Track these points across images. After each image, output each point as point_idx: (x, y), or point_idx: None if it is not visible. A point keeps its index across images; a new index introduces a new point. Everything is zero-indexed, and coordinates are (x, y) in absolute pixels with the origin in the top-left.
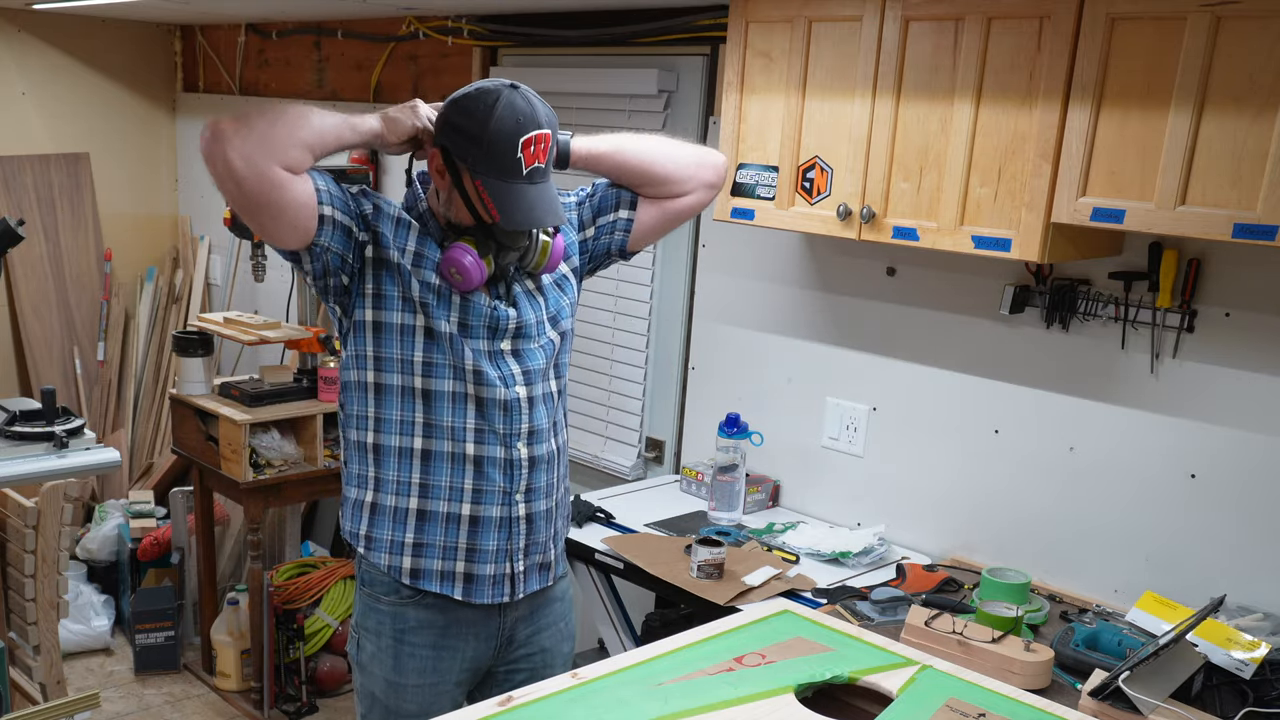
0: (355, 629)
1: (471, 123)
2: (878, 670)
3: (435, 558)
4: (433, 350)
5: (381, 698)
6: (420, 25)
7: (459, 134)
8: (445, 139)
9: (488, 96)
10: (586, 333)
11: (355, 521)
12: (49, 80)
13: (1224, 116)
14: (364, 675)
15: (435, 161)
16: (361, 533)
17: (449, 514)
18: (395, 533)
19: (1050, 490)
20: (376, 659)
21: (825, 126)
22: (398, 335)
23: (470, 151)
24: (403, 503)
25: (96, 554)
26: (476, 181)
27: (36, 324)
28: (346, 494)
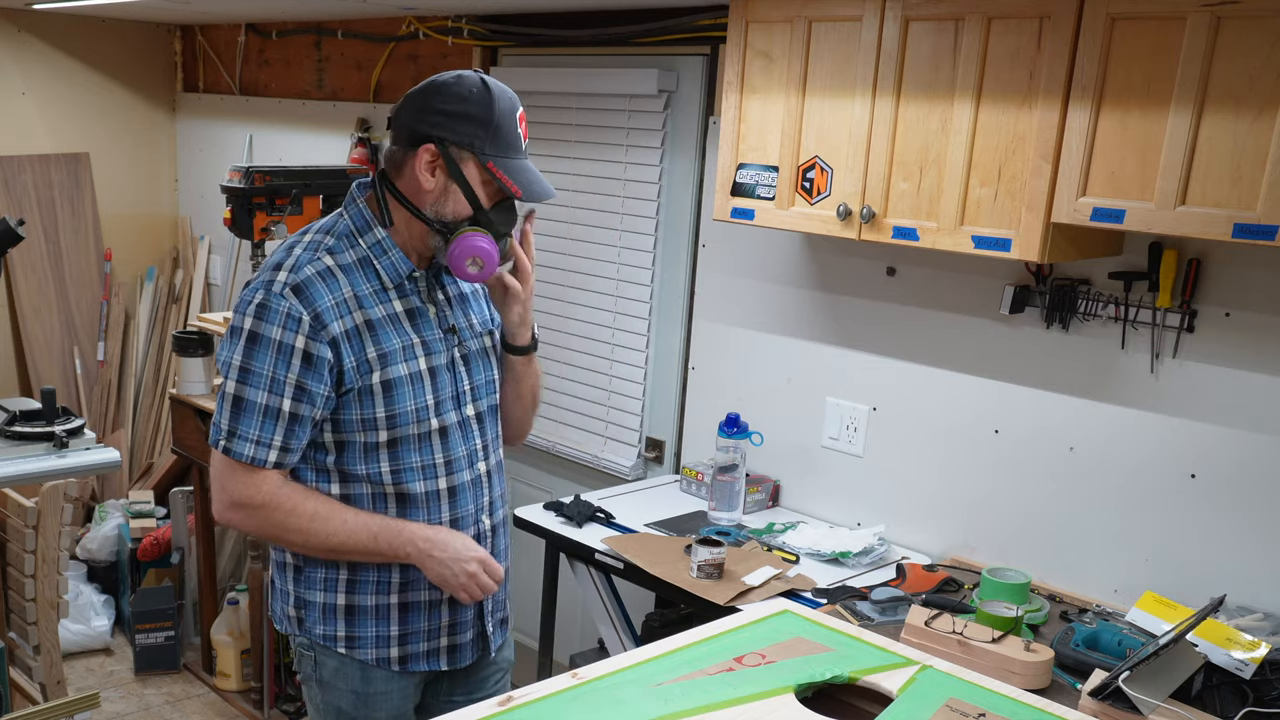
0: (308, 649)
1: (474, 107)
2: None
3: (421, 642)
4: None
5: (350, 712)
6: (420, 25)
7: (463, 120)
8: (442, 131)
9: (471, 80)
10: (586, 333)
11: (329, 624)
12: (49, 80)
13: (1224, 116)
14: (327, 691)
15: (427, 158)
16: (340, 635)
17: (430, 600)
18: (379, 629)
19: (1050, 490)
20: (341, 674)
21: (825, 126)
22: (355, 401)
23: (477, 135)
24: (384, 600)
25: (96, 554)
26: (488, 163)
27: (36, 324)
28: (307, 596)
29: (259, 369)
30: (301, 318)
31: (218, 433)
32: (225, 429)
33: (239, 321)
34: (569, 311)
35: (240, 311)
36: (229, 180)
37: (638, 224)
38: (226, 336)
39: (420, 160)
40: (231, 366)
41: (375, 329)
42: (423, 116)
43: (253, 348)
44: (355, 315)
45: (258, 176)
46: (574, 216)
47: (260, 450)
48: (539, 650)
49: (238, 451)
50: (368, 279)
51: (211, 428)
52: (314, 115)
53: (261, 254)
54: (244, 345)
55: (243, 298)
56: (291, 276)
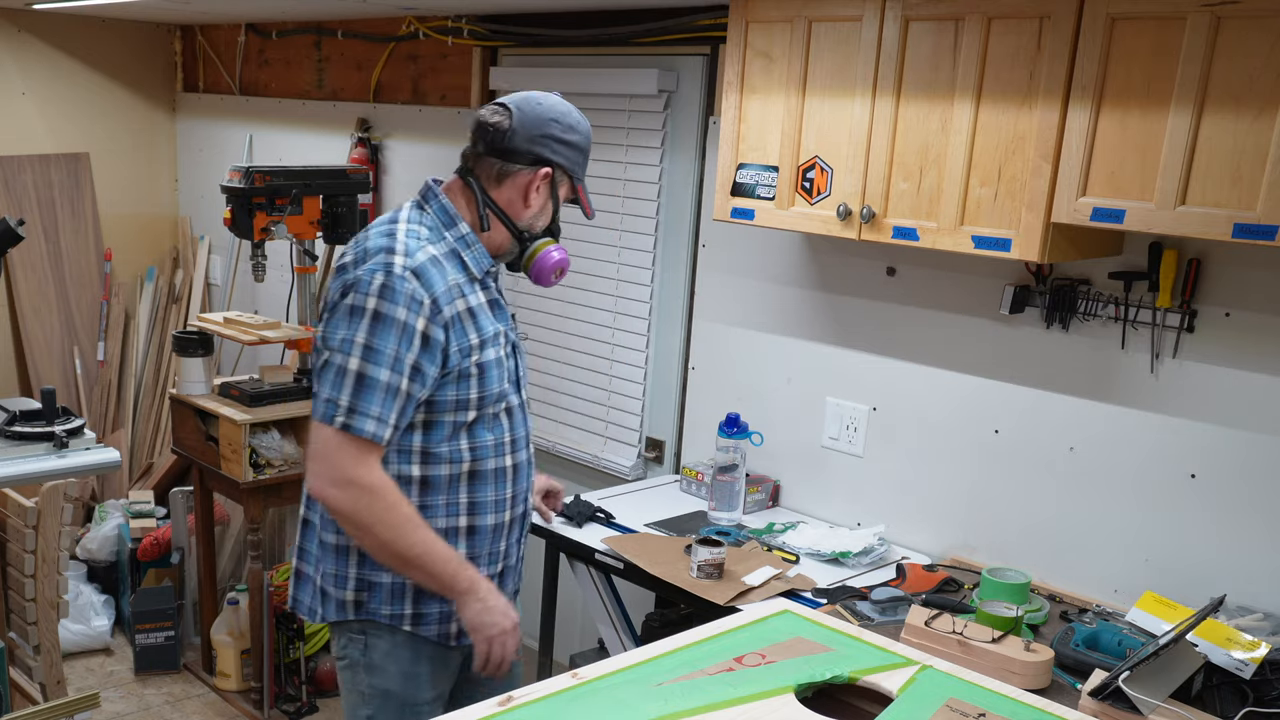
0: (359, 632)
1: (580, 138)
2: (878, 670)
3: None
4: (485, 382)
5: (398, 692)
6: (420, 25)
7: (573, 150)
8: (559, 158)
9: (574, 110)
10: (586, 333)
11: (396, 604)
12: (49, 80)
13: (1224, 116)
14: (375, 674)
15: (537, 181)
16: (406, 613)
17: (487, 577)
18: (443, 605)
19: (1050, 490)
20: (392, 655)
21: (825, 126)
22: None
23: (579, 163)
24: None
25: (96, 554)
26: (579, 187)
27: (36, 324)
28: (372, 578)
29: (383, 347)
30: (424, 300)
31: (333, 408)
32: (345, 405)
33: (360, 301)
34: (569, 311)
35: (360, 291)
36: (229, 180)
37: (638, 224)
38: (337, 315)
39: (536, 180)
40: (353, 344)
41: (474, 315)
42: (542, 142)
43: (376, 326)
44: (459, 302)
45: (258, 176)
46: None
47: (380, 428)
48: (539, 650)
49: (359, 428)
50: (457, 269)
51: (321, 403)
52: (314, 115)
53: (261, 254)
54: (368, 323)
55: (358, 278)
56: (408, 260)
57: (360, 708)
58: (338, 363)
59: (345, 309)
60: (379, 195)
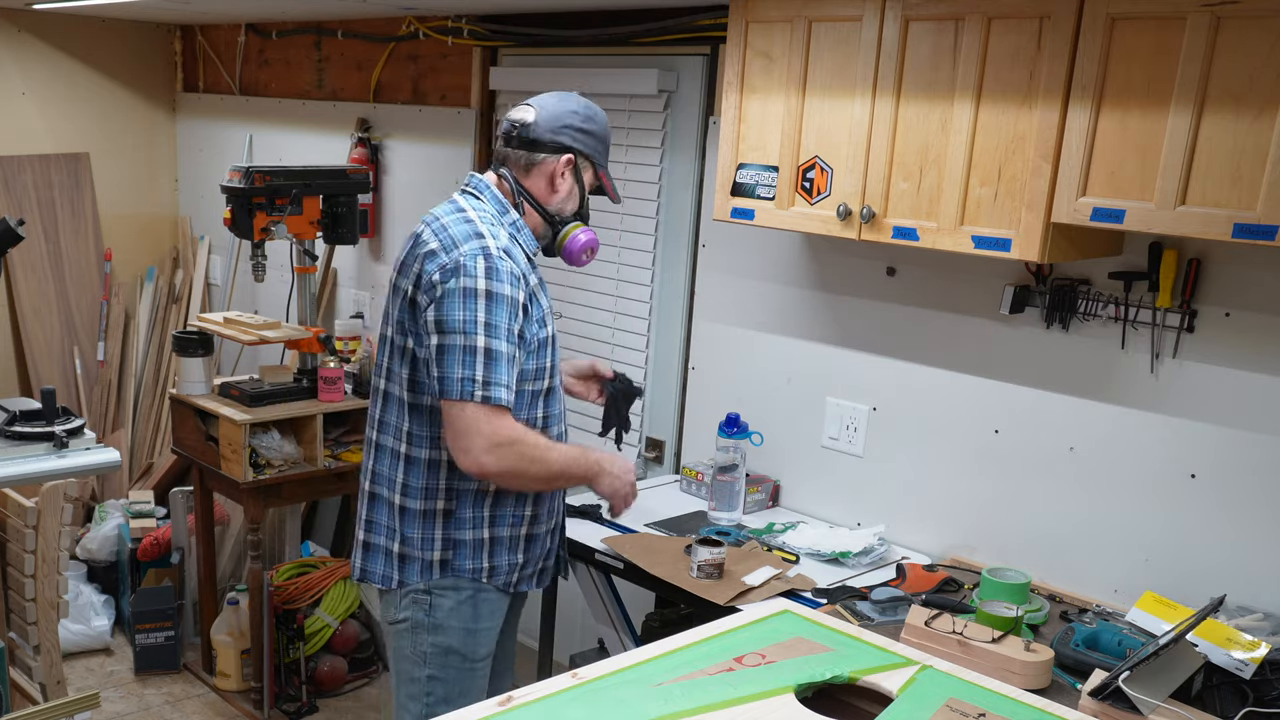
0: (422, 592)
1: (599, 127)
2: (878, 670)
3: (532, 566)
4: (553, 352)
5: (459, 648)
6: (420, 25)
7: (593, 138)
8: (580, 145)
9: (592, 104)
10: (586, 333)
11: (477, 558)
12: (49, 80)
13: (1224, 116)
14: (437, 633)
15: (567, 166)
16: (485, 566)
17: (544, 531)
18: (511, 557)
19: (1050, 490)
20: (455, 613)
21: (825, 126)
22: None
23: (599, 150)
24: (516, 532)
25: (96, 554)
26: (601, 173)
27: (36, 324)
28: (457, 536)
29: (499, 322)
30: (521, 275)
31: (470, 385)
32: (480, 379)
33: (468, 283)
34: (569, 311)
35: (464, 275)
36: (229, 180)
37: (638, 224)
38: (450, 299)
39: (560, 166)
40: (475, 323)
41: (538, 293)
42: (564, 131)
43: (490, 304)
44: (530, 278)
45: (258, 176)
46: None
47: (509, 394)
48: (539, 650)
49: (497, 397)
50: (517, 254)
51: (451, 383)
52: (314, 115)
53: (262, 254)
54: (484, 303)
55: (458, 263)
56: (498, 243)
57: (420, 668)
58: (462, 343)
59: (457, 292)
60: (379, 195)
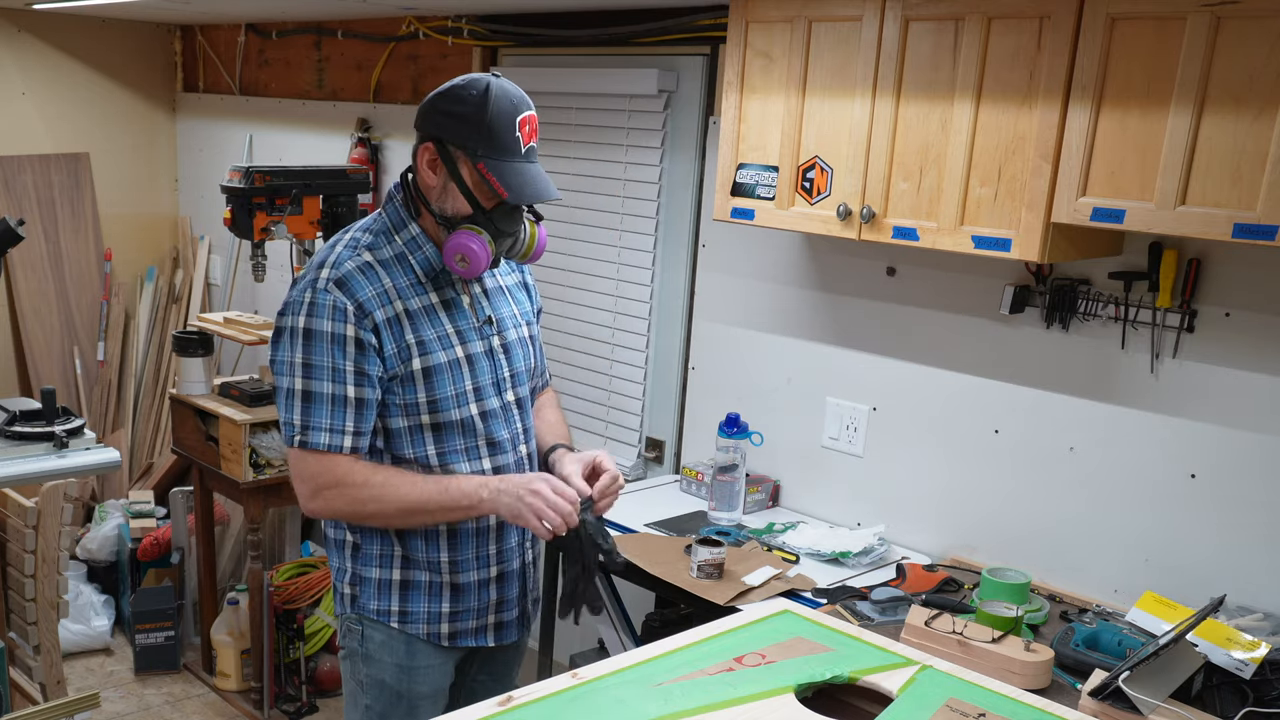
0: (357, 623)
1: (468, 108)
2: (878, 670)
3: (470, 619)
4: (432, 386)
5: (393, 684)
6: (420, 25)
7: (457, 121)
8: (439, 130)
9: (478, 84)
10: (586, 333)
11: (383, 599)
12: (49, 80)
13: (1224, 116)
14: (370, 665)
15: (427, 155)
16: (393, 609)
17: (480, 580)
18: (431, 605)
19: (1050, 490)
20: (386, 647)
21: (825, 126)
22: (399, 386)
23: (470, 136)
24: (436, 578)
25: (96, 554)
26: (479, 164)
27: (36, 324)
28: (363, 572)
29: (319, 362)
30: (346, 308)
31: (291, 430)
32: (299, 424)
33: (292, 322)
34: (569, 311)
35: (291, 313)
36: (229, 180)
37: (638, 224)
38: (278, 339)
39: (423, 157)
40: (293, 365)
41: (412, 318)
42: (429, 116)
43: (309, 343)
44: (394, 305)
45: (258, 176)
46: (574, 216)
47: (335, 437)
48: (539, 650)
49: (314, 442)
50: (404, 273)
51: (283, 429)
52: (314, 115)
53: (261, 254)
54: (301, 343)
55: (291, 299)
56: (333, 272)
57: (360, 697)
58: (284, 385)
59: (282, 332)
60: (379, 195)
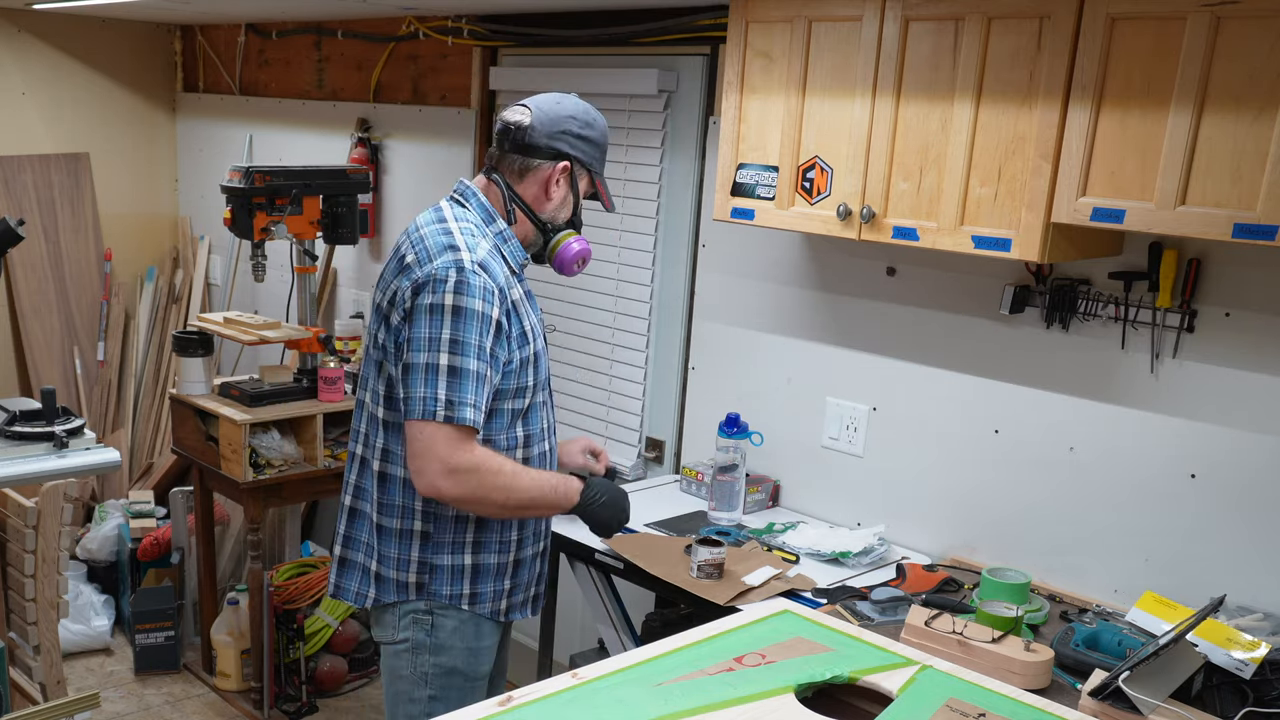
0: (425, 613)
1: (597, 134)
2: (878, 670)
3: (520, 593)
4: (538, 369)
5: (463, 668)
6: (420, 25)
7: (589, 144)
8: (577, 152)
9: (591, 108)
10: (586, 333)
11: (455, 584)
12: (49, 80)
13: (1224, 116)
14: (440, 654)
15: (562, 173)
16: (465, 593)
17: (532, 555)
18: (497, 584)
19: (1050, 490)
20: (458, 633)
21: (825, 126)
22: (515, 373)
23: (596, 157)
24: (504, 558)
25: (96, 554)
26: (597, 181)
27: (36, 324)
28: (434, 560)
29: (468, 339)
30: (494, 290)
31: (432, 403)
32: (443, 398)
33: (437, 299)
34: (569, 311)
35: (435, 291)
36: (229, 180)
37: (638, 224)
38: (419, 314)
39: (555, 173)
40: (439, 340)
41: (521, 307)
42: (561, 137)
43: (458, 320)
44: (512, 292)
45: (258, 176)
46: None
47: (477, 414)
48: (539, 650)
49: (461, 417)
50: (502, 263)
51: (415, 402)
52: (314, 115)
53: (261, 254)
54: (451, 320)
55: (431, 277)
56: (473, 256)
57: (420, 689)
58: (426, 360)
59: (425, 308)
60: (379, 195)
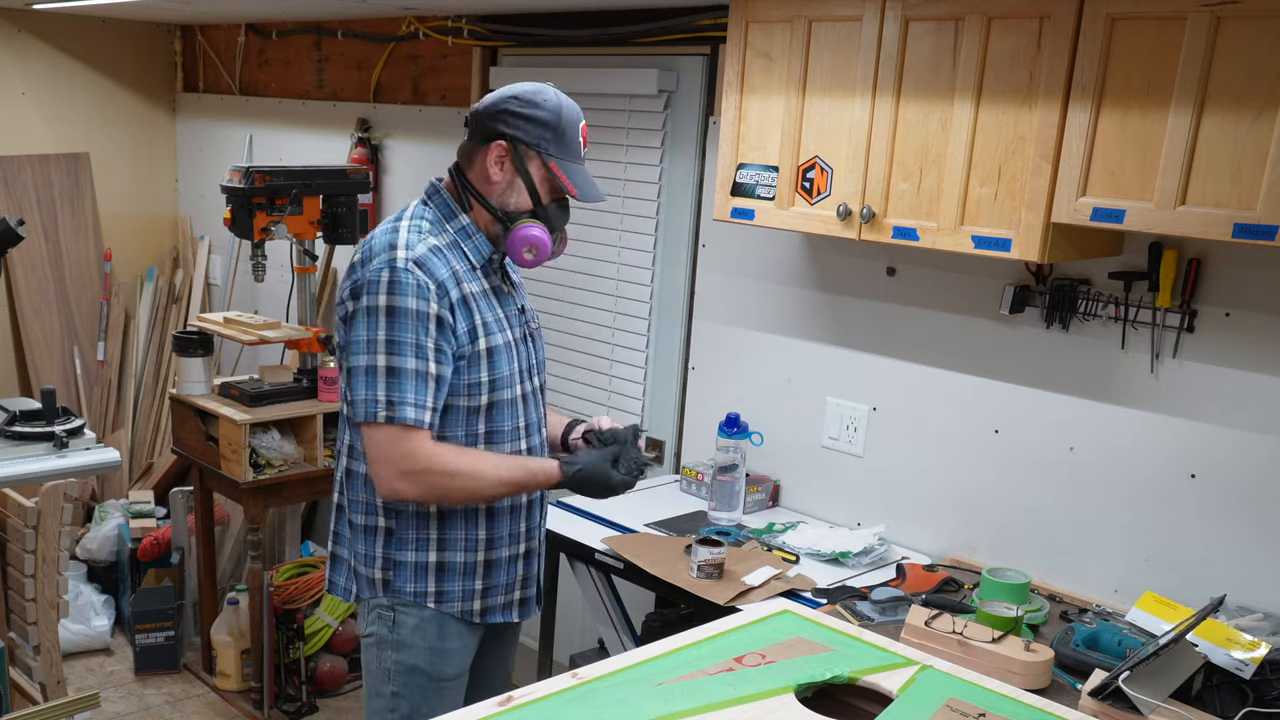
0: (388, 609)
1: (544, 112)
2: (878, 670)
3: (499, 595)
4: (494, 366)
5: (424, 667)
6: (420, 25)
7: (532, 124)
8: (513, 130)
9: (548, 90)
10: (586, 332)
11: (420, 581)
12: (49, 80)
13: (1224, 116)
14: (401, 651)
15: (498, 153)
16: (430, 590)
17: (510, 556)
18: (466, 584)
19: (1050, 490)
20: (419, 631)
21: (825, 126)
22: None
23: (544, 137)
24: (471, 557)
25: (96, 554)
26: (550, 163)
27: (36, 324)
28: (398, 557)
29: (404, 338)
30: (429, 286)
31: (373, 407)
32: (383, 399)
33: (370, 301)
34: (569, 311)
35: (369, 293)
36: (229, 180)
37: (638, 224)
38: (353, 319)
39: (491, 154)
40: (375, 342)
41: (475, 301)
42: (498, 117)
43: (392, 320)
44: (462, 287)
45: (258, 176)
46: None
47: (420, 412)
48: (539, 650)
49: (403, 417)
50: (460, 259)
51: (358, 405)
52: (314, 115)
53: (261, 254)
54: (384, 320)
55: (365, 280)
56: (409, 253)
57: (384, 684)
58: (364, 363)
59: (362, 311)
60: (379, 195)
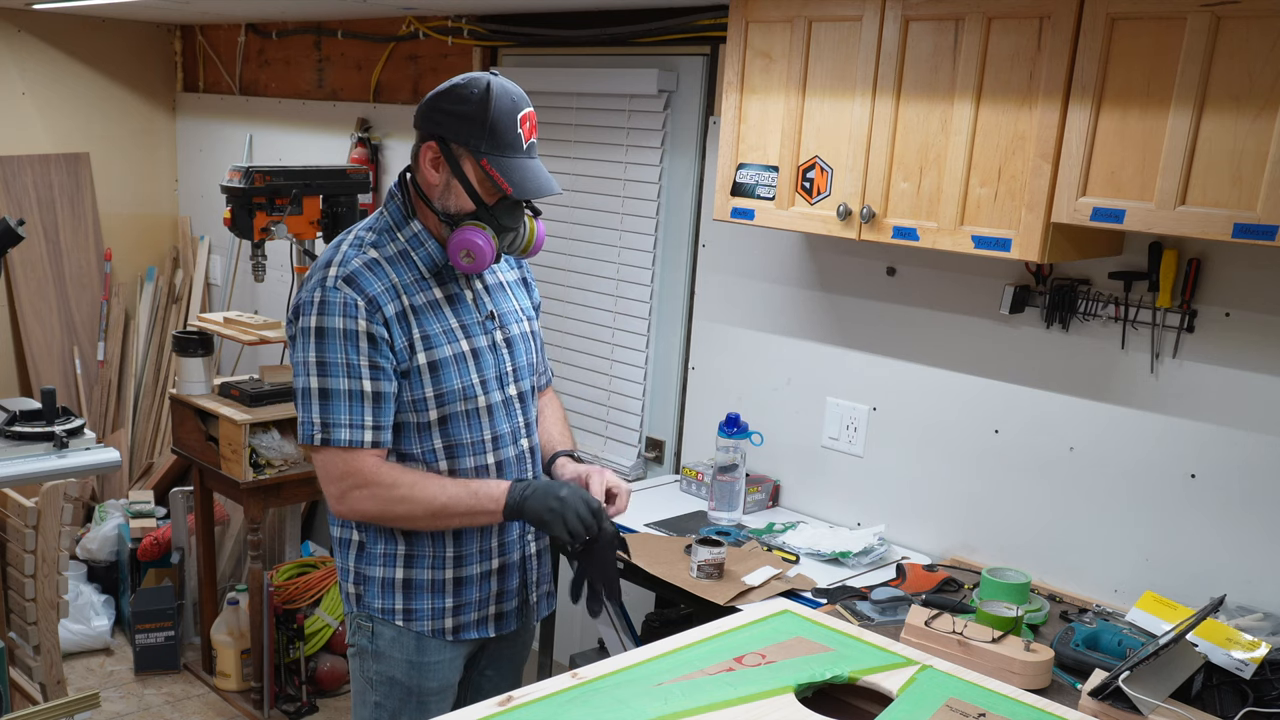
0: (366, 620)
1: (470, 107)
2: (878, 670)
3: (472, 612)
4: (441, 379)
5: (403, 680)
6: (420, 25)
7: (459, 120)
8: (442, 129)
9: (478, 82)
10: (586, 333)
11: (387, 598)
12: (49, 80)
13: (1224, 116)
14: (381, 662)
15: (430, 154)
16: (397, 608)
17: (481, 573)
18: (435, 602)
19: (1050, 490)
20: (397, 643)
21: (825, 126)
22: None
23: (473, 134)
24: (439, 575)
25: (96, 554)
26: (482, 160)
27: (36, 324)
28: (366, 571)
29: (333, 359)
30: (357, 303)
31: (310, 429)
32: (318, 422)
33: (304, 323)
34: (569, 311)
35: (303, 314)
36: (229, 180)
37: (638, 224)
38: (293, 342)
39: (425, 156)
40: (307, 364)
41: (418, 314)
42: (430, 116)
43: (322, 341)
44: (401, 300)
45: (258, 176)
46: (574, 216)
47: (355, 432)
48: (539, 650)
49: (336, 438)
50: (409, 269)
51: (299, 428)
52: (314, 115)
53: (261, 254)
54: (314, 341)
55: (302, 301)
56: (341, 270)
57: (369, 693)
58: (301, 385)
59: (299, 332)
60: (379, 195)
